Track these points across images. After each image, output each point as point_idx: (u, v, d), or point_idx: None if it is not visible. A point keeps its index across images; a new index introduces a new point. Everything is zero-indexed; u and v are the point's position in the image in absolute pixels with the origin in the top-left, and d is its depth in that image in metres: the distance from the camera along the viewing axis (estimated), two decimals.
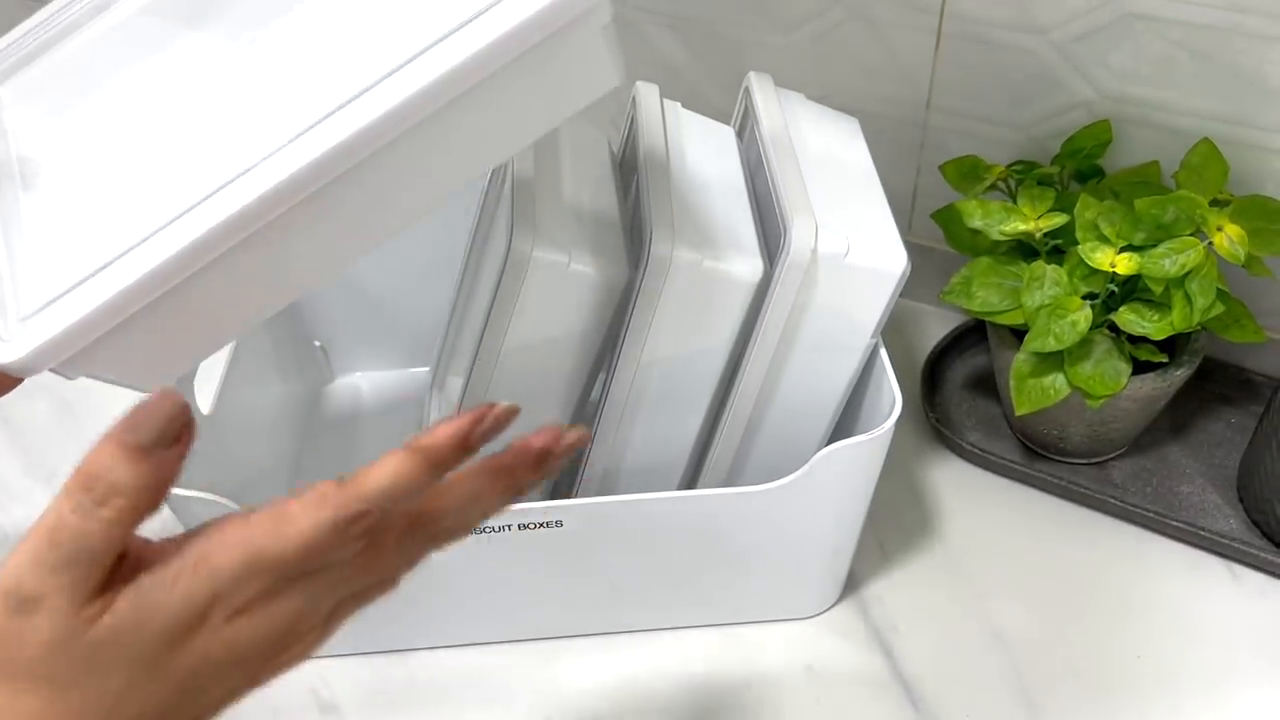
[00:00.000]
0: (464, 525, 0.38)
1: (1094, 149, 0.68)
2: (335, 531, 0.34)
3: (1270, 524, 0.65)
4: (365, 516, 0.34)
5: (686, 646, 0.63)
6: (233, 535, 0.34)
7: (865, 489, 0.58)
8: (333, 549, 0.34)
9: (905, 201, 0.79)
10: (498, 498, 0.37)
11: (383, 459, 0.35)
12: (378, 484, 0.34)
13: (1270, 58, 0.62)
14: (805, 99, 0.63)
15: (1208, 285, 0.59)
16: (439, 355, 0.74)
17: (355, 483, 0.34)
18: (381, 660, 0.63)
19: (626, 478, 0.59)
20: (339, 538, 0.34)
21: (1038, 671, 0.61)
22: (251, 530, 0.34)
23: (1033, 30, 0.68)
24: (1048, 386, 0.63)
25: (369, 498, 0.34)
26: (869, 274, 0.53)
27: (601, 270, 0.52)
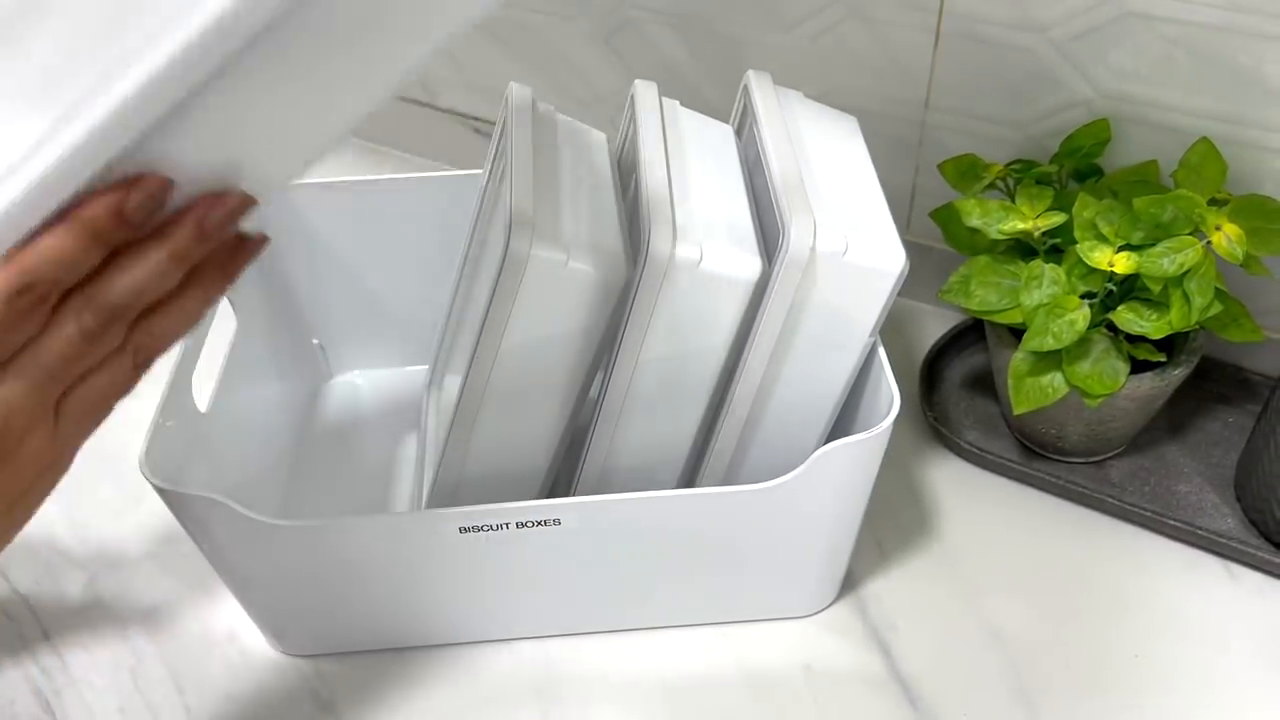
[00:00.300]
0: (170, 314, 0.39)
1: (1093, 148, 0.68)
2: (5, 303, 0.35)
3: (1268, 523, 0.65)
4: (32, 287, 0.35)
5: (684, 645, 0.63)
6: None
7: (863, 488, 0.58)
8: (9, 324, 0.35)
9: (904, 200, 0.79)
10: (171, 269, 0.37)
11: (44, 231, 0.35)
12: (37, 254, 0.35)
13: (1269, 57, 0.62)
14: (804, 97, 0.63)
15: (1206, 284, 0.59)
16: (437, 353, 0.74)
17: (17, 257, 0.35)
18: (378, 658, 0.63)
19: (624, 476, 0.59)
20: (10, 310, 0.35)
21: (1035, 670, 0.61)
22: None
23: (1032, 29, 0.68)
24: (1046, 385, 0.63)
25: (30, 268, 0.35)
26: (867, 273, 0.53)
27: (600, 268, 0.52)
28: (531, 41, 0.85)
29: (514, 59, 0.87)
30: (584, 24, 0.82)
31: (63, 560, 0.69)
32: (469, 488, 0.59)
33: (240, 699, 0.61)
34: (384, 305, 0.76)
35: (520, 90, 0.60)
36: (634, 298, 0.53)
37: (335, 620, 0.61)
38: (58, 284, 0.36)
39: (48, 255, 0.35)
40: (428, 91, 0.95)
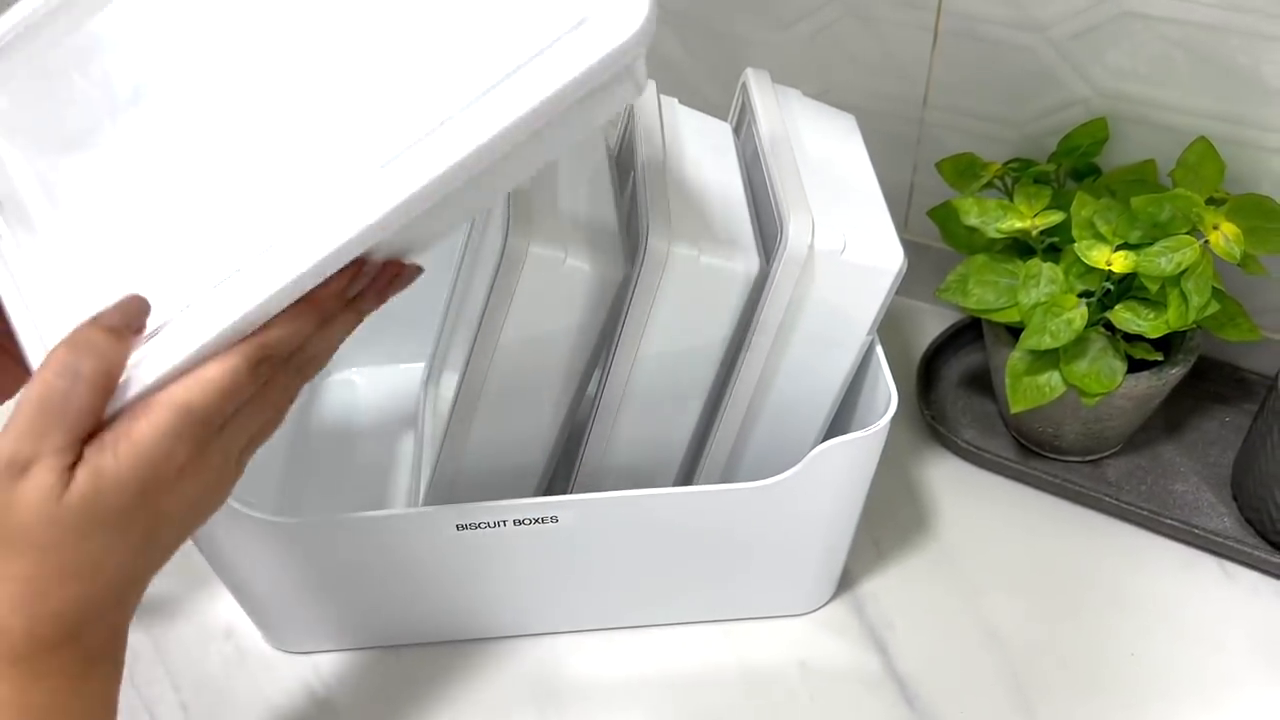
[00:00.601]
0: (324, 357, 0.44)
1: (1091, 147, 0.68)
2: (249, 373, 0.39)
3: (1264, 522, 0.65)
4: (270, 358, 0.40)
5: (681, 642, 0.63)
6: (157, 400, 0.39)
7: (860, 486, 0.58)
8: (244, 390, 0.40)
9: (902, 198, 0.79)
10: (345, 328, 0.44)
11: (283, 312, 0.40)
12: (278, 330, 0.40)
13: (1267, 57, 0.62)
14: (802, 96, 0.63)
15: (1203, 284, 0.59)
16: (434, 350, 0.74)
17: (259, 331, 0.40)
18: (374, 655, 0.63)
19: (622, 473, 0.59)
20: (252, 379, 0.40)
21: (1032, 668, 0.61)
22: (174, 392, 0.39)
23: (1030, 28, 0.68)
24: (1043, 384, 0.63)
25: (271, 343, 0.40)
26: (865, 271, 0.53)
27: (597, 265, 0.52)
28: None
29: None
30: None
31: None
32: (466, 484, 0.59)
33: (237, 696, 0.61)
34: None
35: None
36: (632, 295, 0.53)
37: (332, 617, 0.61)
38: (287, 354, 0.41)
39: (285, 332, 0.40)
40: None
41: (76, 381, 0.37)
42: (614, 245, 0.54)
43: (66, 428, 0.37)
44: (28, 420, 0.37)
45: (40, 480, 0.37)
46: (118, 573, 0.39)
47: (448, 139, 0.39)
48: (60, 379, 0.37)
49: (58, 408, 0.37)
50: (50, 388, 0.37)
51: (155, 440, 0.38)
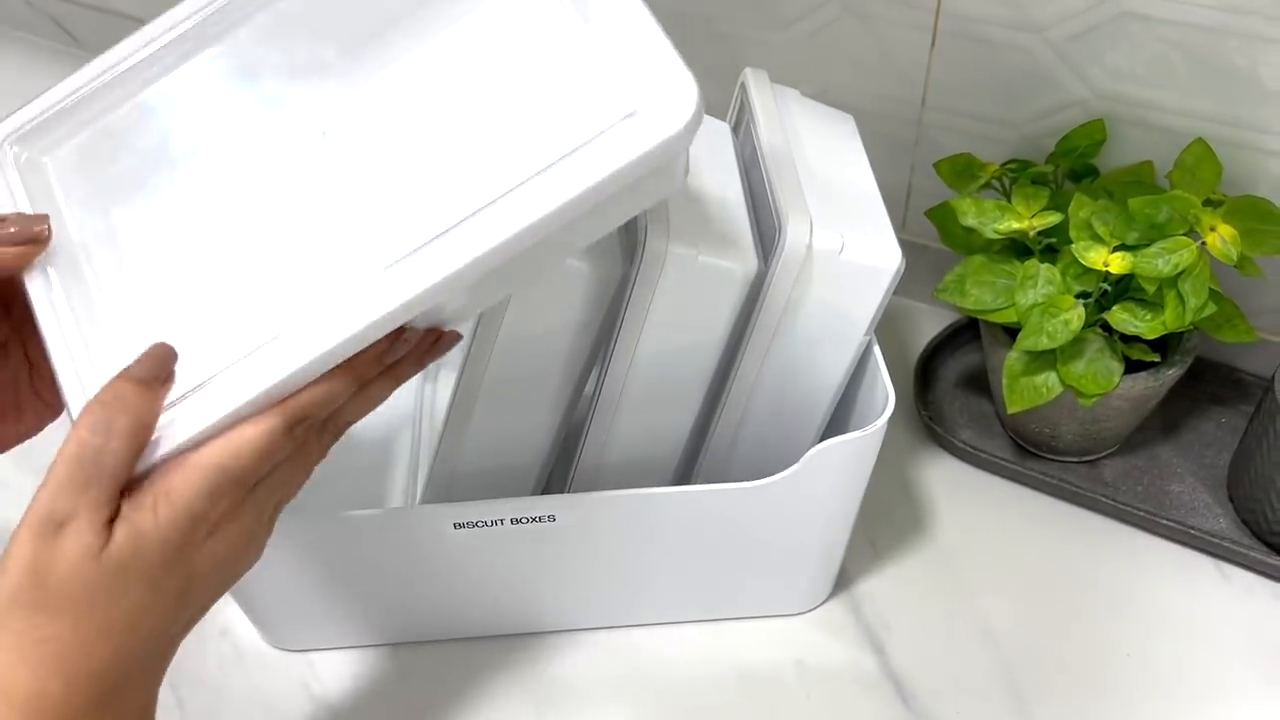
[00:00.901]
0: (357, 419, 0.45)
1: (1088, 148, 0.68)
2: (285, 435, 0.40)
3: (1259, 523, 0.65)
4: (306, 420, 0.41)
5: (678, 642, 0.63)
6: (195, 460, 0.39)
7: (857, 486, 0.58)
8: (280, 452, 0.41)
9: (900, 198, 0.79)
10: (383, 393, 0.45)
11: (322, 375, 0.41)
12: (315, 393, 0.41)
13: (1265, 59, 0.63)
14: (801, 96, 0.63)
15: (1200, 285, 0.59)
16: None
17: (297, 394, 0.40)
18: (371, 653, 0.63)
19: (619, 472, 0.59)
20: (288, 441, 0.41)
21: (1027, 668, 0.61)
22: (210, 451, 0.39)
23: (1028, 29, 0.68)
24: (1040, 385, 0.63)
25: (307, 406, 0.41)
26: (863, 271, 0.53)
27: (596, 264, 0.52)
28: None
29: None
30: None
31: None
32: (463, 482, 0.59)
33: (233, 694, 0.61)
34: None
35: None
36: (630, 294, 0.53)
37: (328, 615, 0.61)
38: (321, 417, 0.42)
39: (322, 396, 0.41)
40: None
41: (110, 437, 0.38)
42: (612, 244, 0.54)
43: (103, 484, 0.37)
44: (65, 476, 0.37)
45: (79, 538, 0.37)
46: (152, 633, 0.39)
47: (491, 220, 0.40)
48: (94, 435, 0.38)
49: (92, 464, 0.37)
50: (85, 444, 0.37)
51: (193, 499, 0.39)
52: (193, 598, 0.41)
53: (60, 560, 0.37)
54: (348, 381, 0.42)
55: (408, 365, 0.45)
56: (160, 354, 0.41)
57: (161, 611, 0.39)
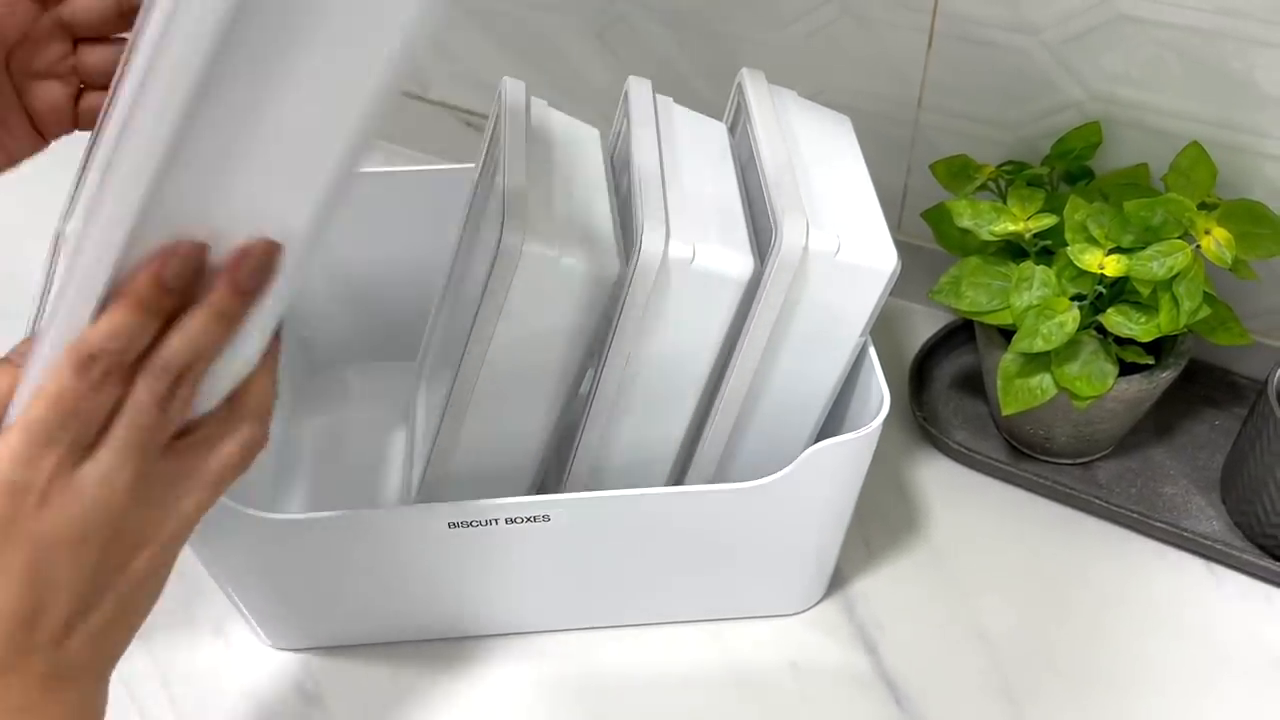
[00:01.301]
0: (189, 357, 0.40)
1: (1084, 150, 0.68)
2: (77, 378, 0.38)
3: (1252, 526, 0.66)
4: (95, 359, 0.38)
5: (672, 642, 0.63)
6: (8, 430, 0.38)
7: (852, 487, 0.59)
8: (85, 396, 0.38)
9: (895, 199, 0.79)
10: (207, 325, 0.40)
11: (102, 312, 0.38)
12: (96, 330, 0.38)
13: (1259, 62, 0.63)
14: (798, 96, 0.63)
15: (1195, 288, 0.59)
16: (425, 347, 0.74)
17: (79, 336, 0.38)
18: (365, 652, 0.62)
19: (614, 473, 0.59)
20: (80, 382, 0.38)
21: (1020, 669, 0.61)
22: (17, 411, 0.38)
23: (1025, 31, 0.68)
24: (1035, 387, 0.63)
25: (91, 342, 0.38)
26: (860, 272, 0.53)
27: (592, 265, 0.52)
28: (524, 35, 0.85)
29: (506, 52, 0.87)
30: (576, 19, 0.82)
31: None
32: (458, 482, 0.59)
33: (227, 693, 0.61)
34: (372, 299, 0.76)
35: (514, 85, 0.60)
36: (626, 294, 0.53)
37: (323, 614, 0.61)
38: (120, 355, 0.38)
39: (104, 330, 0.38)
40: (419, 84, 0.95)
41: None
42: (608, 244, 0.54)
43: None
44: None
45: None
46: (15, 615, 0.38)
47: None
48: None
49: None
50: None
51: (8, 465, 0.38)
52: (53, 576, 0.39)
53: None
54: (131, 311, 0.38)
55: (222, 293, 0.39)
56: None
57: (13, 591, 0.38)
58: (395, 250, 0.73)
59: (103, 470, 0.39)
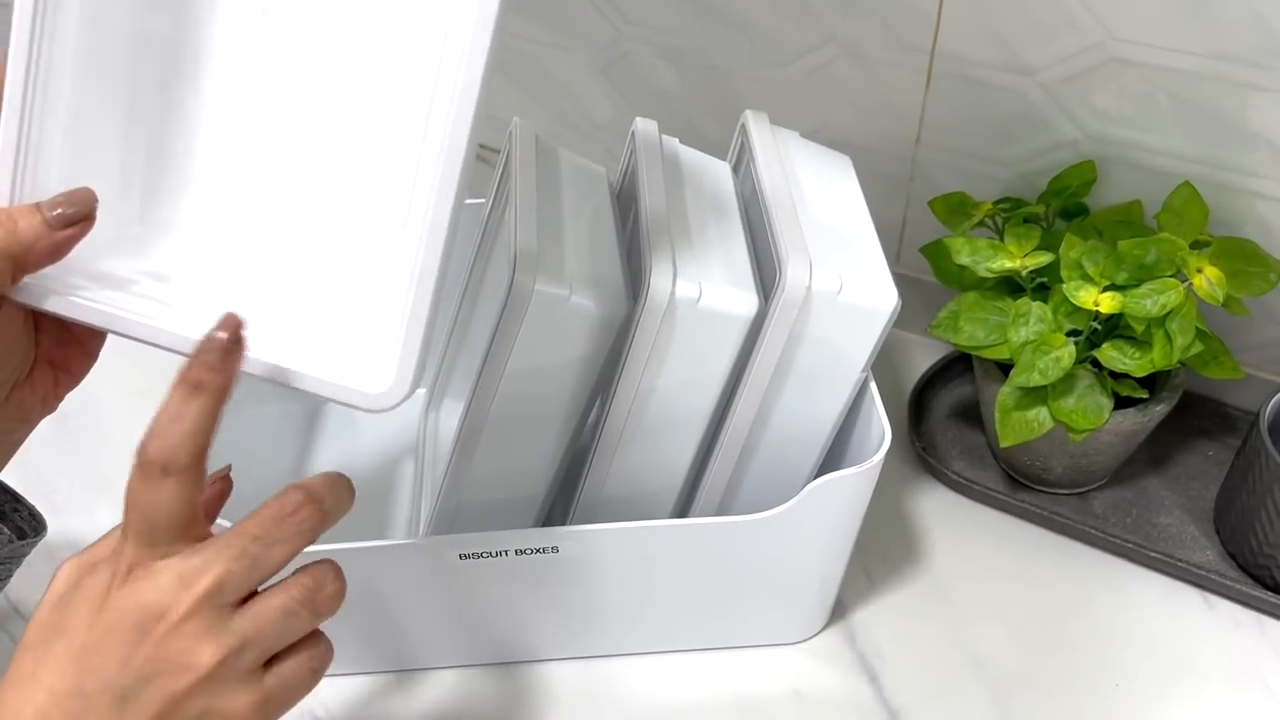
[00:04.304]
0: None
1: (1079, 188, 0.69)
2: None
3: (1246, 556, 0.67)
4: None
5: (678, 670, 0.64)
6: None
7: (854, 519, 0.60)
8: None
9: (894, 234, 0.81)
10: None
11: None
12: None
13: (1251, 103, 0.64)
14: (800, 137, 0.65)
15: (1187, 325, 0.60)
16: (435, 377, 0.75)
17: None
18: (377, 681, 0.63)
19: (621, 505, 0.61)
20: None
21: (1018, 697, 0.62)
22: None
23: (1021, 71, 0.69)
24: (1031, 420, 0.64)
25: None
26: (861, 311, 0.55)
27: (601, 303, 0.54)
28: (532, 71, 0.87)
29: (514, 87, 0.88)
30: (582, 55, 0.84)
31: None
32: (468, 513, 0.60)
33: None
34: None
35: (524, 125, 0.62)
36: (634, 332, 0.54)
37: (335, 642, 0.62)
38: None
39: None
40: None
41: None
42: (616, 283, 0.55)
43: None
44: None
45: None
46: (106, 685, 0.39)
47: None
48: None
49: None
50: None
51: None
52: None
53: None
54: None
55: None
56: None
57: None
58: None
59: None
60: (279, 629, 0.41)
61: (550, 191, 0.59)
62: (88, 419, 0.76)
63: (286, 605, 0.41)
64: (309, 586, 0.42)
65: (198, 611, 0.39)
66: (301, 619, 0.41)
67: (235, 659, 0.40)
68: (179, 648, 0.39)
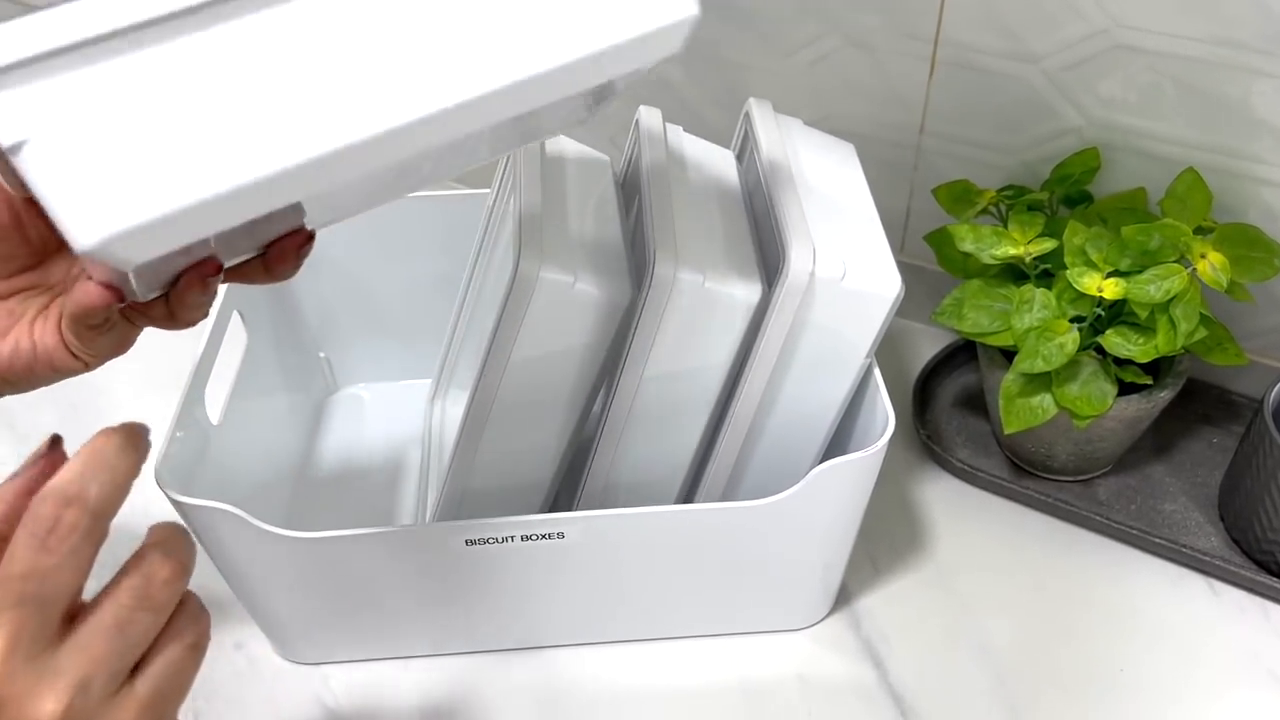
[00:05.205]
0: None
1: (1083, 175, 0.69)
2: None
3: (1250, 542, 0.67)
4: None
5: (683, 656, 0.64)
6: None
7: (858, 505, 0.60)
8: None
9: (899, 222, 0.81)
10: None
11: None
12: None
13: (1255, 89, 0.64)
14: (803, 125, 0.65)
15: (1191, 311, 0.61)
16: (440, 367, 0.76)
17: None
18: (383, 666, 0.64)
19: (626, 491, 0.61)
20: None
21: (1023, 684, 0.62)
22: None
23: (1025, 59, 0.69)
24: (1036, 406, 0.64)
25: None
26: (864, 297, 0.55)
27: (605, 290, 0.54)
28: None
29: None
30: None
31: None
32: (474, 499, 0.61)
33: (248, 706, 0.63)
34: (389, 320, 0.78)
35: None
36: (638, 319, 0.54)
37: (343, 629, 0.63)
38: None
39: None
40: None
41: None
42: (621, 269, 0.56)
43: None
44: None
45: None
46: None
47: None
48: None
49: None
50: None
51: None
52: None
53: None
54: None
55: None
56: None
57: None
58: (412, 272, 0.75)
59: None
60: (120, 645, 0.35)
61: (554, 180, 0.60)
62: (99, 405, 0.77)
63: (118, 617, 0.35)
64: (136, 587, 0.36)
65: (11, 672, 0.33)
66: (142, 623, 0.36)
67: (84, 694, 0.34)
68: (9, 717, 0.33)
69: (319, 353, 0.79)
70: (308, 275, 0.73)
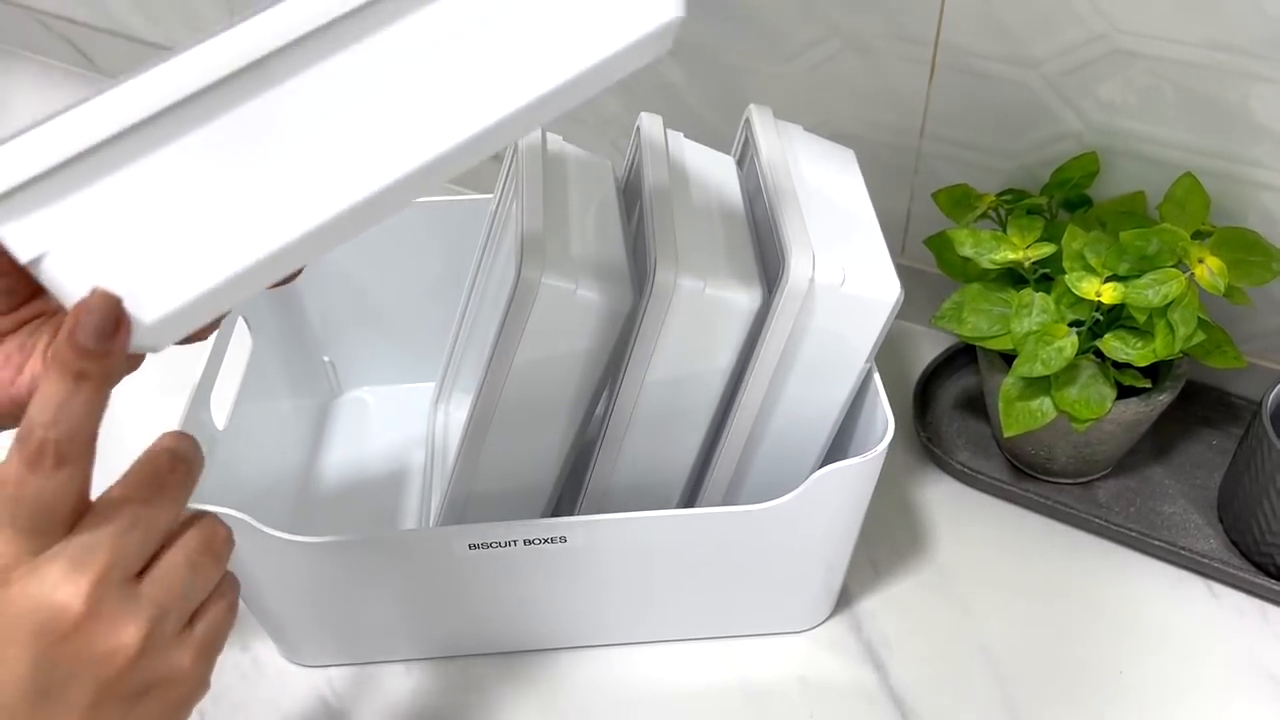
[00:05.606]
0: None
1: (1082, 179, 0.70)
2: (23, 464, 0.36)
3: (1249, 544, 0.67)
4: (33, 436, 0.36)
5: (684, 659, 0.64)
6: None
7: (858, 508, 0.60)
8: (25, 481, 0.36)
9: (899, 225, 0.81)
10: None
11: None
12: (30, 407, 0.36)
13: (1253, 93, 0.65)
14: (804, 130, 0.65)
15: (1189, 315, 0.61)
16: (444, 371, 0.76)
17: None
18: (388, 669, 0.64)
19: (627, 494, 0.61)
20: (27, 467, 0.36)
21: (1023, 685, 0.63)
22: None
23: (1024, 63, 0.70)
24: (1035, 410, 0.65)
25: (28, 419, 0.36)
26: (864, 303, 0.55)
27: (607, 296, 0.54)
28: None
29: None
30: None
31: None
32: (477, 503, 0.61)
33: (252, 708, 0.63)
34: (392, 324, 0.78)
35: None
36: (640, 324, 0.55)
37: (347, 632, 0.63)
38: (53, 428, 0.36)
39: (35, 403, 0.36)
40: None
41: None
42: (622, 276, 0.56)
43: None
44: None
45: None
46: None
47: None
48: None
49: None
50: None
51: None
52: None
53: None
54: (57, 380, 0.36)
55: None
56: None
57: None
58: (416, 276, 0.75)
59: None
60: (191, 585, 0.40)
61: (557, 186, 0.60)
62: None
63: (190, 559, 0.39)
64: (204, 536, 0.40)
65: (103, 595, 0.37)
66: (208, 568, 0.40)
67: (161, 626, 0.38)
68: (99, 636, 0.37)
69: (323, 357, 0.79)
70: (312, 280, 0.74)
